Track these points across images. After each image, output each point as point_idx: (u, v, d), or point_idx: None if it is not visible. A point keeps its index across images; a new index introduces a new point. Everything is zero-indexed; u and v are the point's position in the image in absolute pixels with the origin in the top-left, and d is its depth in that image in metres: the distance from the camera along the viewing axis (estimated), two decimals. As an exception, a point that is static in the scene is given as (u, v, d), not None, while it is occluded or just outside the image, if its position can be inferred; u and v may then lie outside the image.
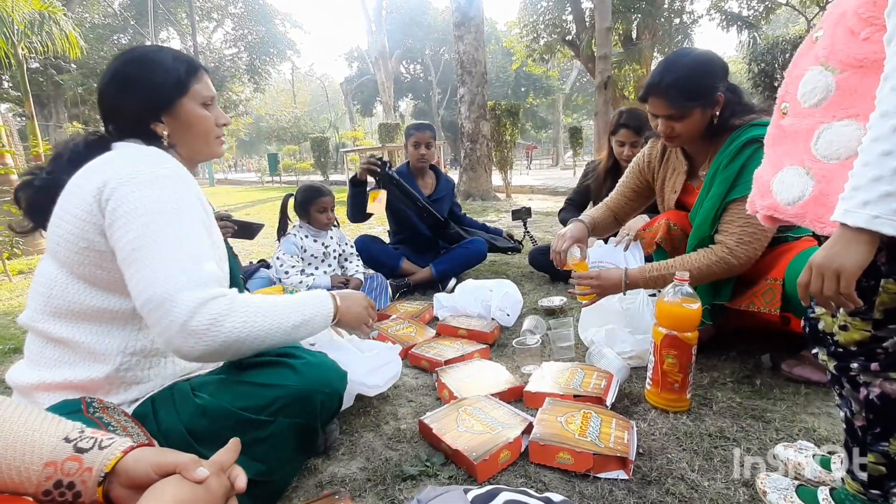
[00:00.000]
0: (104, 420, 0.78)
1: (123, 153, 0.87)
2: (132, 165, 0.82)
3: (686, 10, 13.60)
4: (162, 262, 0.78)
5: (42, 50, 6.30)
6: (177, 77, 0.93)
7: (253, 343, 0.85)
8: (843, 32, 0.73)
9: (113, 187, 0.79)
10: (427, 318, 2.17)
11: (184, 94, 0.94)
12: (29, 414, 0.61)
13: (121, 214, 0.79)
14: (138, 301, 0.79)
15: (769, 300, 1.37)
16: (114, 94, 0.92)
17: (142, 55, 0.94)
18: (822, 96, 0.76)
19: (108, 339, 0.87)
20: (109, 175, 0.81)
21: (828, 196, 0.74)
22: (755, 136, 1.32)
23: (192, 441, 0.84)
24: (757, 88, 7.48)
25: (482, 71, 7.67)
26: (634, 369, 1.57)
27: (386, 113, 23.75)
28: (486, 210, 6.63)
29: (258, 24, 23.22)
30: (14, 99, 15.62)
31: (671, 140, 1.47)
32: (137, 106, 0.92)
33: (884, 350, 0.75)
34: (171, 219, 0.81)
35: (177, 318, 0.76)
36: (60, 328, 0.86)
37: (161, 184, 0.82)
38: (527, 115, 27.30)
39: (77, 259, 0.83)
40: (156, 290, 0.77)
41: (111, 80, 0.92)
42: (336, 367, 1.02)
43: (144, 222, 0.79)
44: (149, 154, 0.86)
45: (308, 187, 2.39)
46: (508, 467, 1.10)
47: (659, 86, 1.37)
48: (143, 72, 0.92)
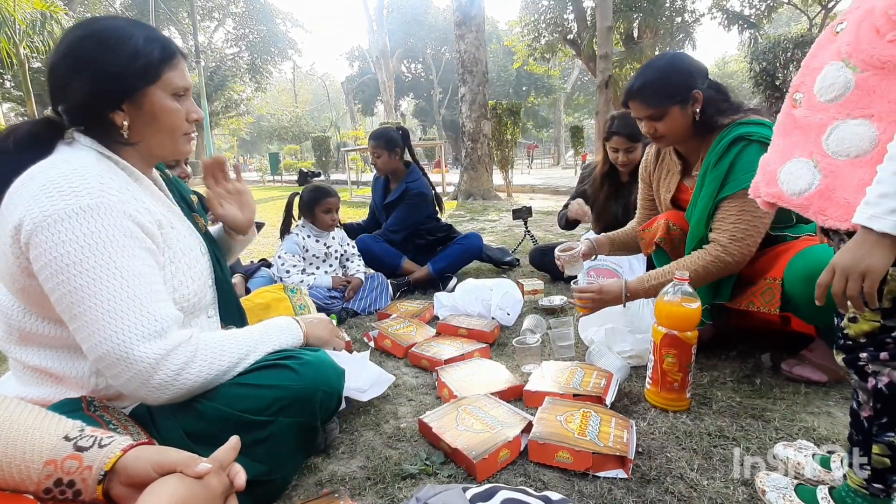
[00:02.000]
0: (105, 418, 0.79)
1: (43, 174, 0.75)
2: (47, 199, 0.71)
3: (687, 9, 13.57)
4: (105, 317, 0.71)
5: (44, 49, 6.31)
6: (147, 62, 0.81)
7: (222, 378, 0.84)
8: (869, 30, 0.72)
9: (29, 231, 0.70)
10: (427, 317, 2.17)
11: (153, 82, 0.82)
12: (29, 413, 0.61)
13: (45, 264, 0.71)
14: (91, 357, 0.74)
15: (769, 300, 1.38)
16: (64, 72, 0.79)
17: (105, 30, 0.80)
18: (839, 93, 0.76)
19: (77, 364, 0.82)
20: (24, 213, 0.71)
21: (833, 191, 0.76)
22: (741, 135, 1.34)
23: (191, 444, 0.83)
24: (758, 87, 7.45)
25: (483, 70, 7.67)
26: (634, 368, 1.57)
27: (387, 112, 23.77)
28: (486, 209, 6.64)
29: (259, 23, 23.24)
30: (16, 99, 15.64)
31: (657, 140, 1.51)
32: (91, 91, 0.78)
33: (893, 339, 0.76)
34: (103, 263, 0.72)
35: (137, 375, 0.73)
36: (29, 356, 0.83)
37: (82, 221, 0.71)
38: (528, 114, 27.29)
39: (21, 295, 0.79)
40: (106, 348, 0.71)
41: (64, 56, 0.79)
42: (334, 364, 1.01)
43: (73, 273, 0.71)
44: (66, 175, 0.74)
45: (316, 188, 2.39)
46: (508, 466, 1.10)
47: (635, 89, 1.43)
48: (102, 52, 0.79)
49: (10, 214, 0.73)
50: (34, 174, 0.75)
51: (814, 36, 7.64)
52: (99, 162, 0.81)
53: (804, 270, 1.27)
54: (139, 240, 0.78)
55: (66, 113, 0.81)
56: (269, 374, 0.89)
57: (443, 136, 26.28)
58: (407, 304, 2.31)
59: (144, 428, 0.84)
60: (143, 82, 0.81)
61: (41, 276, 0.73)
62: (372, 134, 2.80)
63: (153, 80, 0.82)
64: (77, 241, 0.71)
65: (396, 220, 2.73)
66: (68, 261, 0.71)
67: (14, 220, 0.72)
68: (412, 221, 2.75)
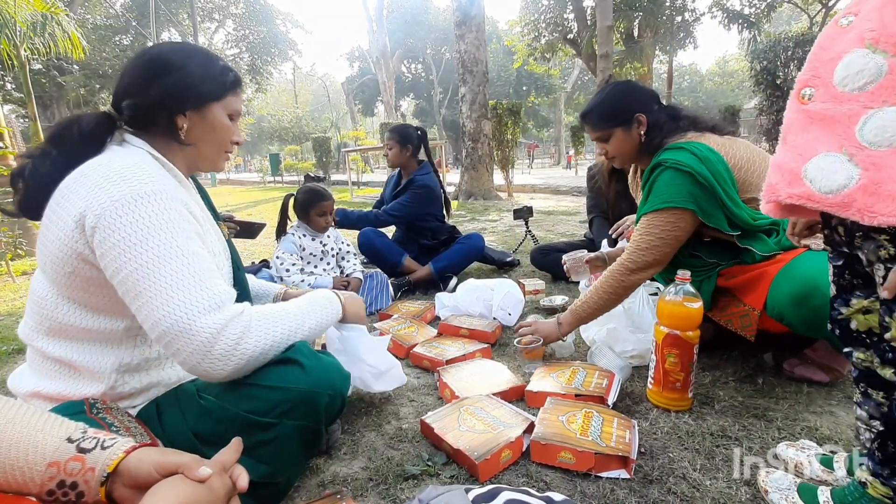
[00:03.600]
0: (107, 420, 0.79)
1: (103, 167, 0.81)
2: (113, 186, 0.78)
3: (688, 8, 13.55)
4: (168, 292, 0.76)
5: (44, 51, 6.31)
6: (221, 82, 0.94)
7: (276, 351, 0.88)
8: (894, 14, 0.69)
9: (97, 215, 0.76)
10: (429, 317, 2.17)
11: (219, 99, 0.94)
12: (32, 415, 0.61)
13: (111, 246, 0.76)
14: (153, 334, 0.78)
15: (745, 325, 1.40)
16: (147, 72, 0.89)
17: (196, 49, 0.95)
18: (869, 79, 0.71)
19: (102, 358, 0.86)
20: (90, 201, 0.77)
21: (879, 185, 0.69)
22: (659, 161, 1.42)
23: (196, 443, 0.84)
24: (759, 86, 7.44)
25: (483, 70, 7.67)
26: (636, 368, 1.57)
27: (387, 112, 23.77)
28: (487, 209, 6.63)
29: (259, 24, 23.24)
30: (17, 100, 15.65)
31: (611, 160, 1.61)
32: (169, 92, 0.89)
33: None
34: (166, 242, 0.78)
35: (199, 347, 0.76)
36: (54, 347, 0.85)
37: (145, 204, 0.78)
38: (528, 113, 27.29)
39: (65, 282, 0.82)
40: (170, 322, 0.75)
41: (151, 60, 0.90)
42: (339, 367, 1.02)
43: (139, 252, 0.76)
44: (128, 167, 0.81)
45: (310, 189, 2.39)
46: (510, 467, 1.10)
47: (583, 114, 1.59)
48: (190, 63, 0.91)
49: (70, 205, 0.78)
50: (93, 167, 0.81)
51: (814, 34, 7.63)
52: (151, 160, 0.88)
53: (791, 294, 1.25)
54: (193, 225, 0.85)
55: (133, 108, 0.88)
56: (276, 374, 0.88)
57: (443, 136, 26.29)
58: (408, 304, 2.32)
59: (150, 427, 0.85)
60: (212, 98, 0.93)
61: (106, 260, 0.77)
62: (390, 128, 2.95)
63: (219, 98, 0.94)
64: (142, 221, 0.77)
65: (398, 204, 2.79)
66: (135, 240, 0.76)
67: (75, 210, 0.77)
68: (413, 210, 2.79)
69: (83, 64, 15.29)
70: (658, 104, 1.54)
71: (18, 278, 3.54)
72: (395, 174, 3.04)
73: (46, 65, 15.21)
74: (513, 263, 3.06)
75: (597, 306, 1.49)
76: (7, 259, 3.55)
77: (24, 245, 4.03)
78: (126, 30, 19.46)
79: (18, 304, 2.85)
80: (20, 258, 4.07)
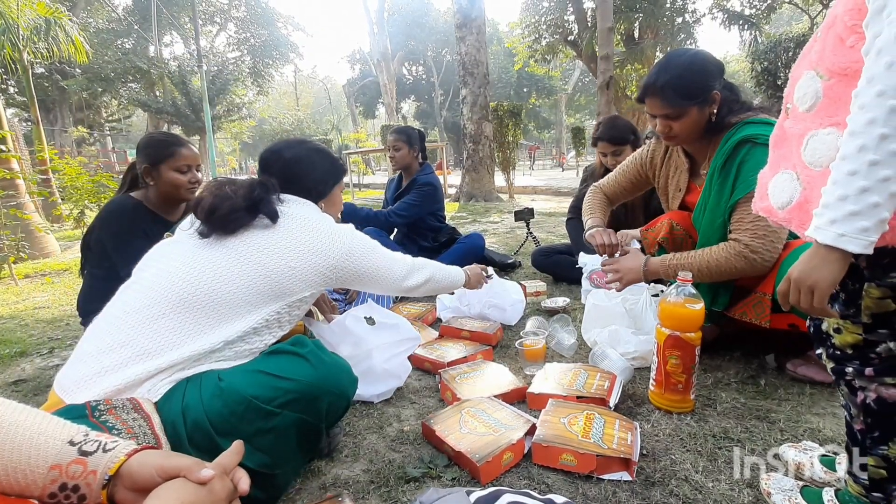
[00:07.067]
0: (108, 423, 0.79)
1: (323, 223, 1.13)
2: (338, 233, 1.13)
3: (688, 9, 13.56)
4: (390, 270, 1.25)
5: (47, 55, 6.35)
6: (342, 170, 1.33)
7: (453, 287, 1.53)
8: (833, 38, 0.72)
9: (345, 257, 1.12)
10: (430, 319, 2.17)
11: (339, 181, 1.31)
12: (34, 417, 0.61)
13: (355, 259, 1.15)
14: (390, 293, 1.50)
15: (759, 313, 1.39)
16: (315, 162, 1.24)
17: (328, 150, 1.33)
18: (812, 102, 0.75)
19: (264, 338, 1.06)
20: (338, 250, 1.11)
21: (809, 203, 0.74)
22: (747, 136, 1.33)
23: (208, 421, 0.86)
24: (760, 87, 7.45)
25: (484, 72, 7.68)
26: (638, 370, 1.57)
27: (388, 114, 23.82)
28: (488, 211, 6.63)
29: (261, 27, 23.31)
30: (20, 104, 15.74)
31: (670, 139, 1.48)
32: (329, 172, 1.26)
33: (877, 355, 0.75)
34: (377, 249, 1.23)
35: (411, 290, 1.35)
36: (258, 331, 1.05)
37: (357, 234, 1.20)
38: (529, 115, 27.31)
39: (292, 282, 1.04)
40: (395, 287, 1.29)
41: (317, 152, 1.26)
42: (349, 370, 1.05)
43: (370, 257, 1.19)
44: (328, 219, 1.16)
45: None
46: (511, 469, 1.10)
47: (655, 86, 1.38)
48: (332, 158, 1.30)
49: (322, 254, 1.08)
50: (316, 220, 1.13)
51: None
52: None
53: None
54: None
55: (315, 182, 1.23)
56: (286, 362, 0.95)
57: (444, 138, 26.30)
58: (409, 306, 2.31)
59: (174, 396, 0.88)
60: (340, 178, 1.32)
61: (351, 271, 1.15)
62: (394, 128, 2.92)
63: (340, 180, 1.32)
64: (365, 241, 1.20)
65: (405, 204, 2.78)
66: (365, 250, 1.18)
67: (330, 256, 1.10)
68: (419, 209, 2.79)
69: (85, 67, 15.32)
70: (723, 78, 1.41)
71: (21, 281, 3.55)
72: (395, 178, 3.03)
73: (49, 68, 15.27)
74: (514, 265, 3.06)
75: (698, 267, 1.38)
76: (10, 262, 3.56)
77: (27, 248, 4.04)
78: (128, 33, 19.55)
79: (21, 307, 2.85)
80: (23, 261, 4.08)
